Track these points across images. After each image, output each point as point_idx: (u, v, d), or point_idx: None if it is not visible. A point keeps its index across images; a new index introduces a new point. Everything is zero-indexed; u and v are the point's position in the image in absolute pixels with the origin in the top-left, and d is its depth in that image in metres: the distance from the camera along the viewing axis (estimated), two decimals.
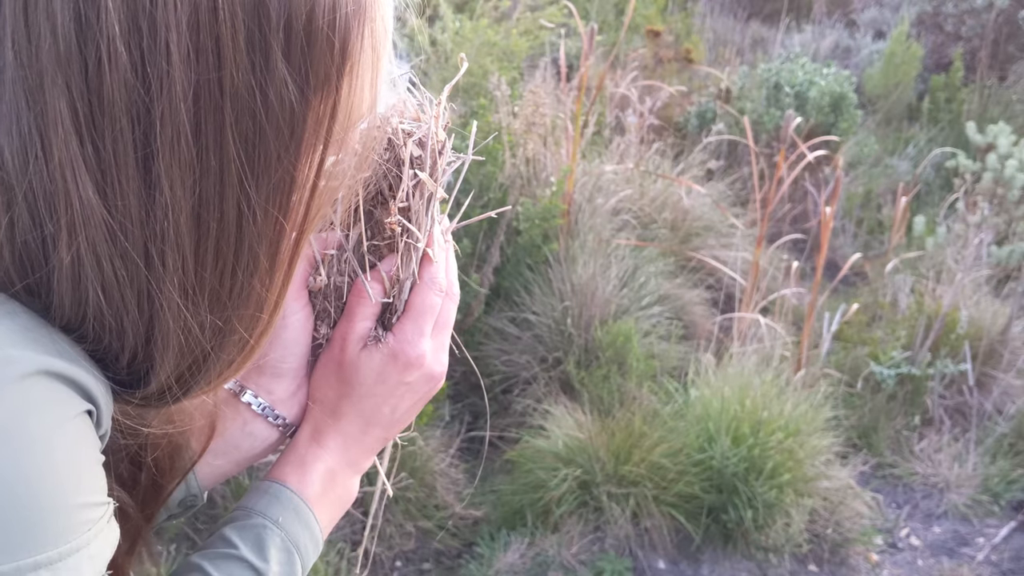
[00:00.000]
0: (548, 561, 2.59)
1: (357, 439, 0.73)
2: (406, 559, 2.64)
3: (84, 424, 0.49)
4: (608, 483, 2.69)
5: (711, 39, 6.68)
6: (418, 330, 0.70)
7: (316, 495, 0.70)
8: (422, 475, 2.68)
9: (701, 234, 4.01)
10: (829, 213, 3.10)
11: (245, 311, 0.54)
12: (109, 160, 0.46)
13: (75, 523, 0.47)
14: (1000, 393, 3.39)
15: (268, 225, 0.51)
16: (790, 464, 2.74)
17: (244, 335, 0.55)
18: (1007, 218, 4.04)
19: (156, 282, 0.49)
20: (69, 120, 0.46)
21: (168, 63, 0.45)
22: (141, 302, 0.50)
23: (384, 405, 0.72)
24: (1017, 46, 6.30)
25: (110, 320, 0.50)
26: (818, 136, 4.11)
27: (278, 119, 0.49)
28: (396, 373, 0.70)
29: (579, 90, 3.50)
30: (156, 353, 0.52)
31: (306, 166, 0.52)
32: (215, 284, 0.51)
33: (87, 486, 0.49)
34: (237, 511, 0.68)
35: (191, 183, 0.48)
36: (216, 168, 0.48)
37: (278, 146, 0.50)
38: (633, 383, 3.04)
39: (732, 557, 2.73)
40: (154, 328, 0.51)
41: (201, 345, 0.53)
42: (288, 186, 0.51)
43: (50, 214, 0.47)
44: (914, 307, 3.53)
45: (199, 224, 0.49)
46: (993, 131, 4.36)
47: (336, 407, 0.71)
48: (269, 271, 0.53)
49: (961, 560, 2.86)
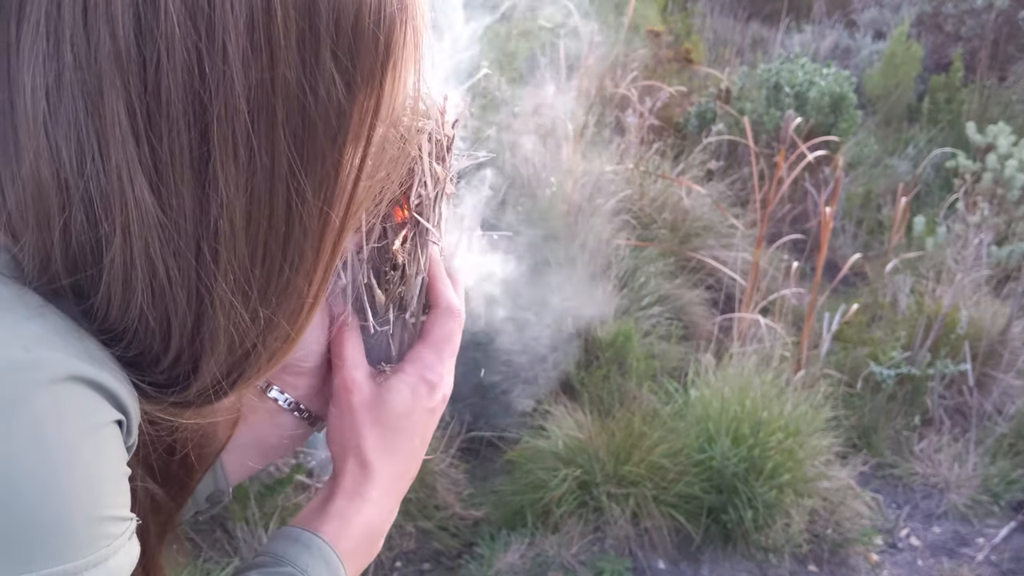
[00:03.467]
0: (548, 561, 2.59)
1: (395, 483, 0.72)
2: (406, 559, 2.64)
3: (113, 434, 0.48)
4: (608, 483, 2.69)
5: (711, 39, 6.67)
6: (438, 357, 0.71)
7: (352, 548, 0.69)
8: (422, 475, 2.68)
9: (701, 234, 4.01)
10: (829, 213, 3.10)
11: (288, 305, 0.54)
12: (165, 160, 0.47)
13: (95, 536, 0.46)
14: (1000, 393, 3.39)
15: (314, 220, 0.52)
16: (790, 464, 2.74)
17: (287, 328, 0.55)
18: (1007, 218, 4.04)
19: (208, 280, 0.50)
20: (126, 121, 0.46)
21: (225, 63, 0.46)
22: (191, 301, 0.50)
23: (416, 435, 0.72)
24: (1017, 46, 6.30)
25: (156, 322, 0.50)
26: (818, 136, 4.11)
27: (327, 115, 0.49)
28: (423, 399, 0.70)
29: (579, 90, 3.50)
30: (203, 352, 0.52)
31: (349, 161, 0.53)
32: (263, 280, 0.52)
33: (110, 499, 0.48)
34: (264, 557, 0.66)
35: (244, 181, 0.48)
36: (268, 165, 0.49)
37: (325, 142, 0.50)
38: (633, 383, 3.04)
39: (732, 557, 2.73)
40: (202, 326, 0.51)
41: (246, 342, 0.53)
42: (333, 181, 0.52)
43: (106, 215, 0.47)
44: (914, 307, 3.53)
45: (250, 221, 0.49)
46: (993, 131, 4.36)
47: (368, 457, 0.70)
48: (313, 266, 0.54)
49: (961, 560, 2.86)
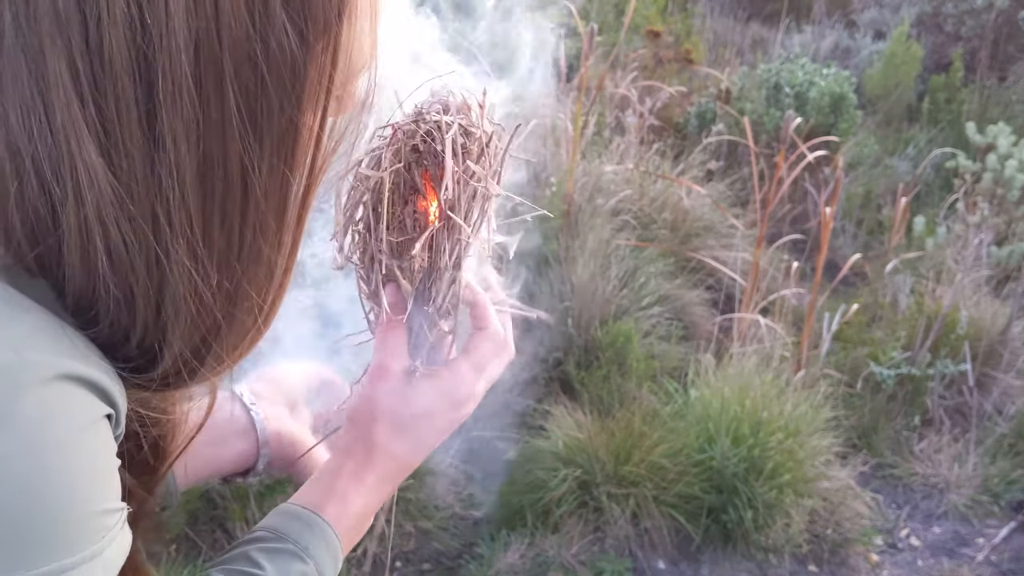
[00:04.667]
0: (548, 561, 2.59)
1: (394, 475, 0.73)
2: (406, 559, 2.64)
3: (104, 428, 0.49)
4: (608, 483, 2.69)
5: (711, 40, 6.67)
6: (475, 375, 0.72)
7: (347, 530, 0.70)
8: (422, 475, 2.68)
9: (701, 234, 4.01)
10: (829, 213, 3.10)
11: (255, 274, 0.53)
12: (112, 120, 0.46)
13: (92, 530, 0.47)
14: (1000, 393, 3.39)
15: (274, 180, 0.51)
16: (790, 464, 2.74)
17: (256, 299, 0.54)
18: (1007, 218, 4.04)
19: (164, 244, 0.49)
20: (70, 82, 0.45)
21: (167, 15, 0.45)
22: (150, 267, 0.49)
23: (429, 438, 0.72)
24: (1017, 46, 6.30)
25: (120, 290, 0.50)
26: (818, 136, 4.11)
27: (279, 68, 0.48)
28: (447, 410, 0.71)
29: (579, 90, 3.50)
30: (168, 323, 0.51)
31: (310, 117, 0.51)
32: (223, 245, 0.51)
33: (105, 493, 0.48)
34: (264, 532, 0.68)
35: (195, 139, 0.47)
36: (218, 121, 0.47)
37: (280, 96, 0.49)
38: (633, 383, 3.04)
39: (732, 557, 2.72)
40: (164, 295, 0.50)
41: (212, 312, 0.52)
42: (293, 138, 0.51)
43: (56, 179, 0.47)
44: (914, 307, 3.53)
45: (204, 182, 0.48)
46: (993, 131, 4.36)
47: (379, 444, 0.71)
48: (277, 231, 0.53)
49: (961, 560, 2.85)
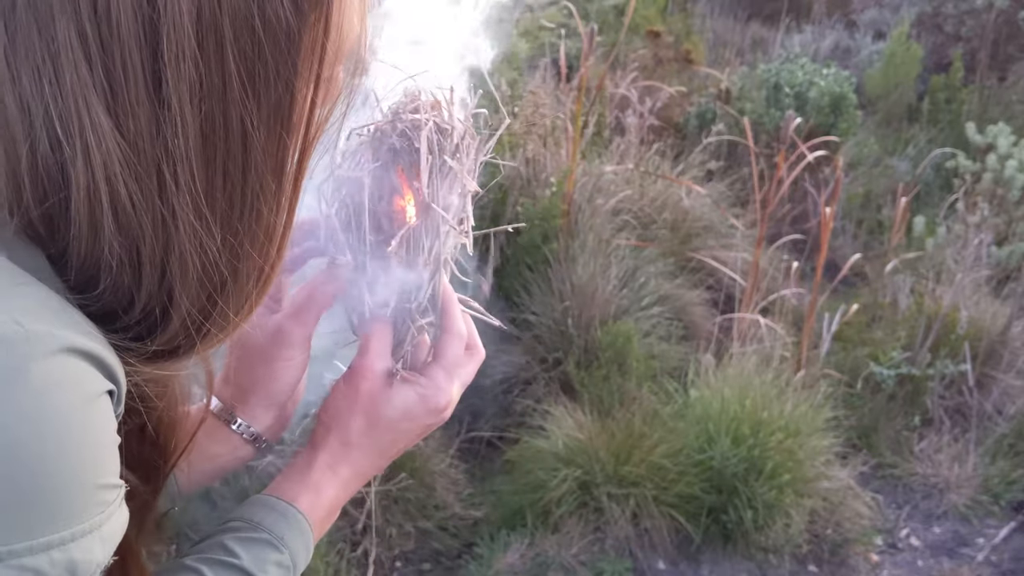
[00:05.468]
0: (548, 562, 2.59)
1: (366, 471, 0.76)
2: (406, 559, 2.64)
3: (106, 404, 0.50)
4: (608, 484, 2.69)
5: (711, 40, 6.67)
6: (449, 377, 0.75)
7: (319, 520, 0.73)
8: (422, 475, 2.68)
9: (701, 235, 4.01)
10: (829, 213, 3.10)
11: (256, 235, 0.55)
12: (120, 81, 0.48)
13: (92, 503, 0.48)
14: (1000, 393, 3.38)
15: (272, 143, 0.53)
16: (790, 465, 2.74)
17: (258, 260, 0.56)
18: (1007, 218, 4.04)
19: (169, 203, 0.51)
20: (78, 45, 0.47)
21: None
22: (156, 225, 0.51)
23: (401, 441, 0.76)
24: (1017, 46, 6.30)
25: (125, 250, 0.51)
26: (818, 136, 4.11)
27: (275, 35, 0.50)
28: (423, 416, 0.74)
29: (579, 91, 3.50)
30: (174, 283, 0.53)
31: (304, 84, 0.53)
32: (225, 205, 0.53)
33: (106, 467, 0.49)
34: (238, 522, 0.69)
35: (197, 100, 0.49)
36: (219, 84, 0.49)
37: (277, 62, 0.51)
38: (633, 384, 3.03)
39: (732, 558, 2.72)
40: (170, 254, 0.52)
41: (219, 267, 0.54)
42: (288, 103, 0.53)
43: (67, 138, 0.48)
44: (914, 307, 3.53)
45: (206, 142, 0.50)
46: (993, 131, 4.36)
47: (354, 439, 0.74)
48: (275, 194, 0.55)
49: (961, 560, 2.85)
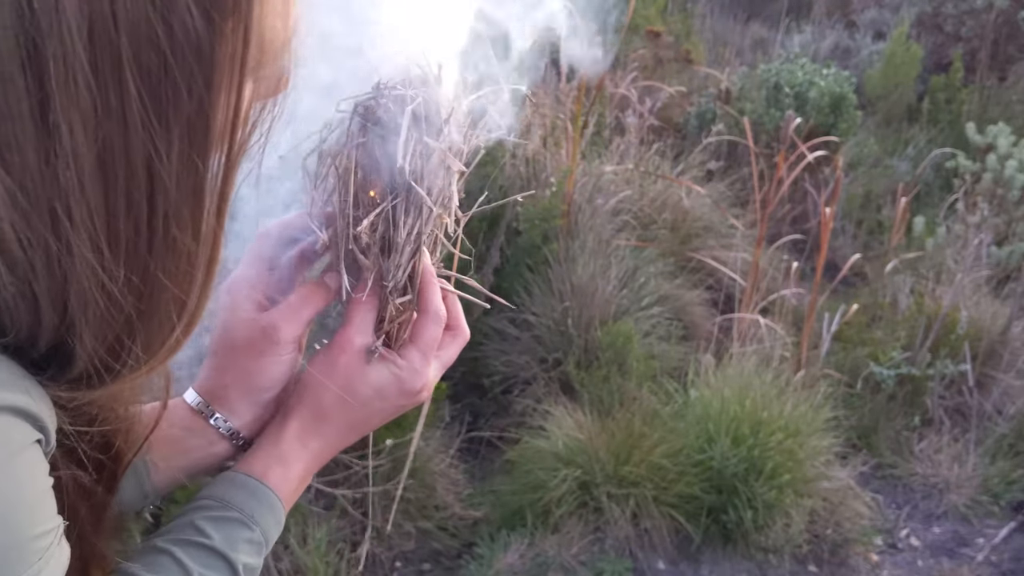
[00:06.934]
0: (548, 562, 2.59)
1: (335, 445, 0.74)
2: (406, 559, 2.64)
3: (34, 453, 0.48)
4: (608, 484, 2.69)
5: (711, 40, 6.67)
6: (424, 359, 0.73)
7: (289, 493, 0.71)
8: (422, 475, 2.68)
9: (701, 235, 4.01)
10: (829, 214, 3.10)
11: (173, 266, 0.50)
12: (1, 113, 0.43)
13: (27, 554, 0.47)
14: (1000, 393, 3.38)
15: (184, 167, 0.48)
16: (790, 465, 2.74)
17: (176, 293, 0.51)
18: (1007, 218, 4.04)
19: (65, 240, 0.46)
20: None
21: None
22: (51, 265, 0.46)
23: (375, 418, 0.74)
24: (1017, 46, 6.30)
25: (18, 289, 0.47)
26: (818, 137, 4.11)
27: (183, 50, 0.45)
28: (396, 396, 0.73)
29: (579, 90, 3.50)
30: (76, 321, 0.48)
31: (223, 101, 0.48)
32: (131, 235, 0.48)
33: (39, 516, 0.48)
34: (208, 500, 0.67)
35: (92, 127, 0.44)
36: (118, 108, 0.45)
37: (187, 80, 0.46)
38: (633, 384, 3.03)
39: (732, 558, 2.72)
40: (69, 292, 0.47)
41: (123, 307, 0.49)
42: (204, 123, 0.48)
43: None
44: (914, 307, 3.53)
45: (105, 172, 0.45)
46: (993, 132, 4.36)
47: (326, 412, 0.72)
48: (193, 220, 0.50)
49: (961, 560, 2.85)
